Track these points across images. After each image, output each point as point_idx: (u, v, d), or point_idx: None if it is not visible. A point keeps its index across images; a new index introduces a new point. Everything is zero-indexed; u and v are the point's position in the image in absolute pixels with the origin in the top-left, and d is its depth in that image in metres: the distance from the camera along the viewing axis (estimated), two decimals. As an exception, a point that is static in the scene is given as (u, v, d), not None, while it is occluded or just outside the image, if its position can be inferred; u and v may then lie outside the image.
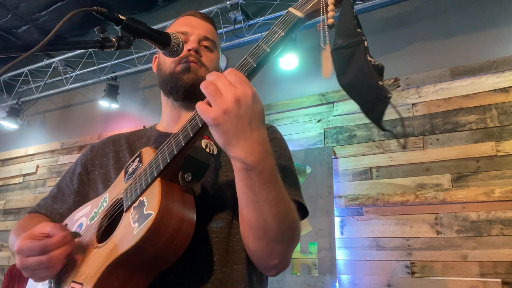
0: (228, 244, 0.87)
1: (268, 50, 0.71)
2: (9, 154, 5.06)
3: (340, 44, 0.73)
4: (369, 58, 0.71)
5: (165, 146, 0.78)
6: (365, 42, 0.72)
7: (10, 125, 4.77)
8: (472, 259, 2.30)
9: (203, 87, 0.67)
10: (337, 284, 2.57)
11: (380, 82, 0.69)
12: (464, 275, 2.29)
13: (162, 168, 0.75)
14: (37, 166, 4.71)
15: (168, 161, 0.74)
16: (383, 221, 2.61)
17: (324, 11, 0.71)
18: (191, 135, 0.72)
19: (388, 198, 2.64)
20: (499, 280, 2.19)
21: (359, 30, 0.72)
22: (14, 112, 4.75)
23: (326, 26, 0.71)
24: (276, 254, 0.78)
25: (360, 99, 0.74)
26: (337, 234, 2.70)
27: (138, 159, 0.90)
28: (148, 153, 0.89)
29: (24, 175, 4.79)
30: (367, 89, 0.71)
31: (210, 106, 0.67)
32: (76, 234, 0.84)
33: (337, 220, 2.74)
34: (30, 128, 5.10)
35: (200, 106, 0.68)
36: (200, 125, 0.71)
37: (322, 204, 2.75)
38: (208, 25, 1.09)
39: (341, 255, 2.66)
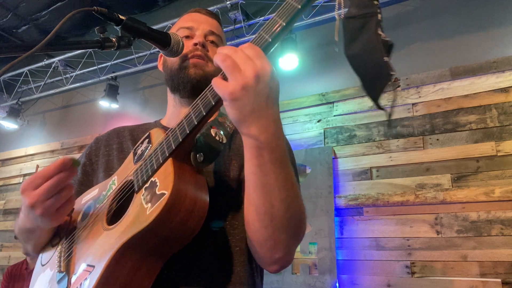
0: (227, 245, 0.85)
1: (270, 40, 0.68)
2: (9, 154, 5.06)
3: (352, 14, 0.70)
4: (379, 32, 0.68)
5: (176, 127, 0.76)
6: (379, 15, 0.69)
7: (10, 125, 4.76)
8: (472, 259, 2.30)
9: (219, 60, 0.64)
10: (337, 284, 2.57)
11: (385, 58, 0.67)
12: (464, 275, 2.29)
13: (174, 147, 0.73)
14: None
15: (180, 140, 0.73)
16: (383, 221, 2.61)
17: None
18: (204, 113, 0.69)
19: (388, 198, 2.64)
20: (499, 280, 2.19)
21: (375, 1, 0.69)
22: (14, 112, 4.75)
23: None
24: (281, 245, 0.76)
25: (362, 73, 0.72)
26: (337, 234, 2.71)
27: (147, 140, 0.89)
28: (157, 134, 0.87)
29: (24, 175, 4.80)
30: (371, 63, 0.69)
31: (226, 80, 0.64)
32: (76, 162, 0.78)
33: (337, 220, 2.74)
34: (30, 128, 5.09)
35: (216, 80, 0.65)
36: (214, 103, 0.68)
37: (322, 204, 2.75)
38: (213, 20, 1.09)
39: (341, 255, 2.66)
